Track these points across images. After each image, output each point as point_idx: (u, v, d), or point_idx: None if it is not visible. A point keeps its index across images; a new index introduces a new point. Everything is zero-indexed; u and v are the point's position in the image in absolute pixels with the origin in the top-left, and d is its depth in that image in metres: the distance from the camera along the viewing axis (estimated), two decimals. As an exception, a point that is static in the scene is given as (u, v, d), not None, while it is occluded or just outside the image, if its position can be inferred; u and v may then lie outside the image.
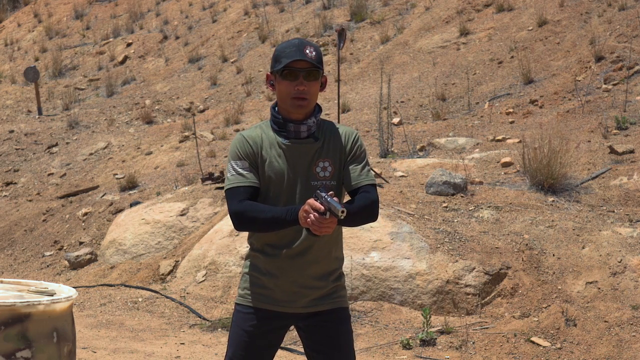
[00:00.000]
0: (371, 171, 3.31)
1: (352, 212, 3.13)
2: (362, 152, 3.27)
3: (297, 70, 3.15)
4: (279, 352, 6.02)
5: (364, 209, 3.18)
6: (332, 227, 3.01)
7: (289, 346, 6.46)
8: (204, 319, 7.40)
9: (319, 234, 3.04)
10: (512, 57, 13.29)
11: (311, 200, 3.02)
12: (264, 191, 3.21)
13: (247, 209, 3.13)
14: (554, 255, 7.18)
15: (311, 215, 2.98)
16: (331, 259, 3.28)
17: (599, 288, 6.81)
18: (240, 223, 3.17)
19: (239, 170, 3.19)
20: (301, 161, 3.21)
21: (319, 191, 3.05)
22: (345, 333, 3.31)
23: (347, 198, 3.33)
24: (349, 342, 3.31)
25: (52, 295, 3.20)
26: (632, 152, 8.83)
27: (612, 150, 8.81)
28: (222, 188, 9.59)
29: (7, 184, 13.46)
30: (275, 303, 3.26)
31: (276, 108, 3.26)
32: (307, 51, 3.16)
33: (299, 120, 3.21)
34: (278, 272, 3.23)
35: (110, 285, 8.71)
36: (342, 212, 2.93)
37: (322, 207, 2.98)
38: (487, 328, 6.64)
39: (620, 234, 7.33)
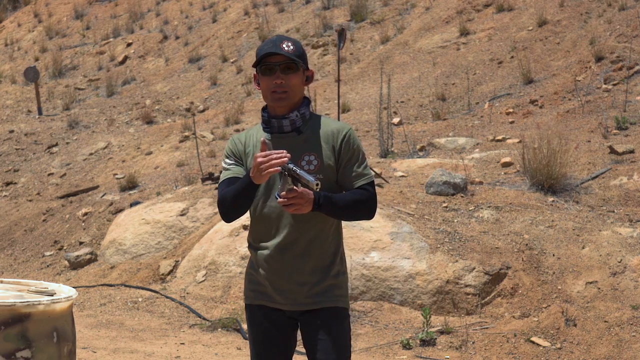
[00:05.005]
0: (368, 167, 3.31)
1: (345, 204, 3.18)
2: (356, 150, 3.27)
3: (273, 64, 3.21)
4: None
5: (358, 202, 3.21)
6: (302, 203, 3.06)
7: (289, 346, 6.45)
8: (204, 319, 7.40)
9: (290, 211, 3.09)
10: (512, 57, 13.29)
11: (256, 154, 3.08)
12: None
13: (221, 192, 3.26)
14: (554, 255, 7.18)
15: (257, 159, 3.02)
16: (323, 253, 3.25)
17: (599, 288, 6.81)
18: (220, 207, 3.27)
19: (225, 166, 3.33)
20: None
21: (287, 164, 3.06)
22: (341, 332, 3.27)
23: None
24: (342, 342, 3.27)
25: (52, 295, 3.20)
26: (632, 152, 8.82)
27: (612, 150, 8.80)
28: (222, 188, 9.59)
29: (7, 184, 13.46)
30: (270, 299, 3.28)
31: (266, 107, 3.34)
32: (284, 45, 3.21)
33: (282, 115, 3.26)
34: (269, 267, 3.25)
35: (110, 285, 8.71)
36: (317, 184, 3.00)
37: (267, 150, 3.04)
38: (487, 328, 6.64)
39: (620, 234, 7.33)
